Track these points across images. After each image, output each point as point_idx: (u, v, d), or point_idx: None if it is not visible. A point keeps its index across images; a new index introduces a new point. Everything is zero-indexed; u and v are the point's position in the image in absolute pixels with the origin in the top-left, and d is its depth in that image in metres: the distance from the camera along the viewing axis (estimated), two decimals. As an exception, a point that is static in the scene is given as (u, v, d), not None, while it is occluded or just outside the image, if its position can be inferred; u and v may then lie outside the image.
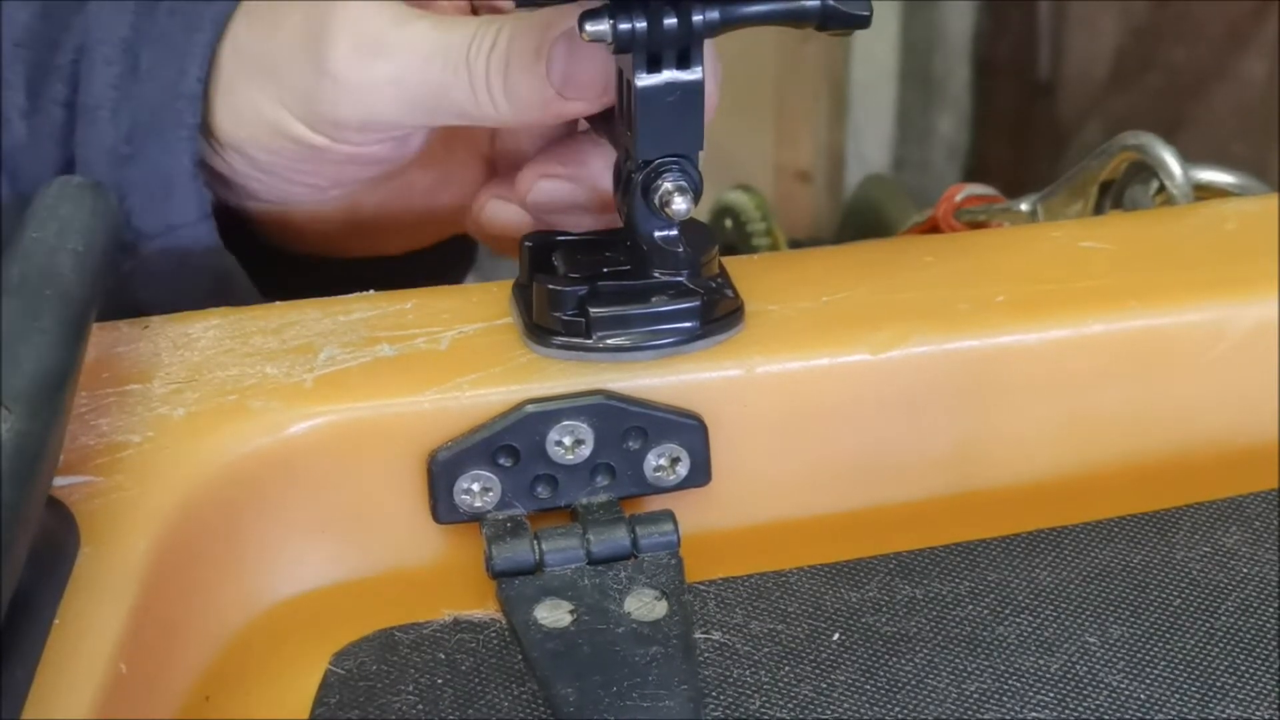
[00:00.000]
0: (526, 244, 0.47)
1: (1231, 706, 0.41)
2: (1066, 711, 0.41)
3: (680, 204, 0.45)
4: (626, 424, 0.45)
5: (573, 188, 0.53)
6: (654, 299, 0.46)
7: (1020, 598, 0.44)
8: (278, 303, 0.48)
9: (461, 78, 0.50)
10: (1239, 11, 1.37)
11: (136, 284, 0.54)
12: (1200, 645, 0.43)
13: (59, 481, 0.41)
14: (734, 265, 0.48)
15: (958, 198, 0.62)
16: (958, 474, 0.48)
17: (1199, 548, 0.46)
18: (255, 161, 0.54)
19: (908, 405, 0.47)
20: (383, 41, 0.51)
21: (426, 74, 0.50)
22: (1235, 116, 1.37)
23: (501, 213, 0.55)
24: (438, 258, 0.62)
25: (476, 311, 0.47)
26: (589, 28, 0.43)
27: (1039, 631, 0.43)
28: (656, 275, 0.46)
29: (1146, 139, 0.56)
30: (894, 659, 0.42)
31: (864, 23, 0.46)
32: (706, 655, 0.42)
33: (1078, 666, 0.42)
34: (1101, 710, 0.41)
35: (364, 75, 0.50)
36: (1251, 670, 0.42)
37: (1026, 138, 1.53)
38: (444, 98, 0.50)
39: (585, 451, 0.45)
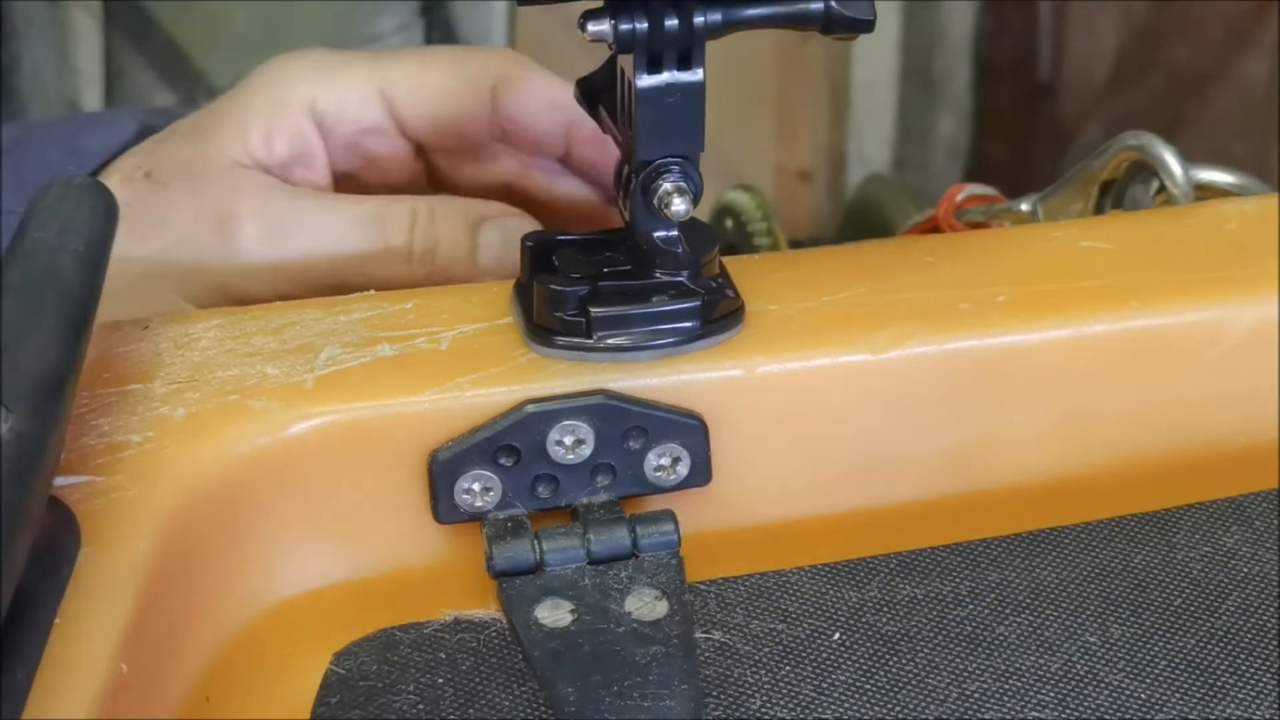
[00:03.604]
0: (527, 244, 0.47)
1: (1232, 706, 0.41)
2: (1067, 711, 0.41)
3: (680, 205, 0.45)
4: (627, 424, 0.45)
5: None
6: (655, 299, 0.46)
7: (1021, 597, 0.44)
8: (278, 303, 0.48)
9: (377, 254, 0.52)
10: (1239, 11, 1.37)
11: None
12: (1201, 645, 0.43)
13: (60, 481, 0.41)
14: (734, 265, 0.48)
15: (958, 198, 0.62)
16: (958, 474, 0.48)
17: (1199, 548, 0.46)
18: None
19: (908, 405, 0.47)
20: (291, 221, 0.52)
21: (340, 249, 0.53)
22: (1235, 116, 1.37)
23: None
24: None
25: (477, 311, 0.47)
26: (590, 27, 0.43)
27: (1040, 631, 0.43)
28: (657, 275, 0.46)
29: (1147, 139, 0.56)
30: (895, 658, 0.42)
31: (868, 27, 0.46)
32: (707, 655, 0.42)
33: (1078, 666, 0.42)
34: (1102, 710, 0.41)
35: (275, 254, 0.52)
36: (1252, 670, 0.42)
37: (1027, 138, 1.53)
38: (356, 271, 0.53)
39: (586, 451, 0.45)
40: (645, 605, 0.43)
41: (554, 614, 0.43)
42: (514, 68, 0.57)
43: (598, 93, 0.47)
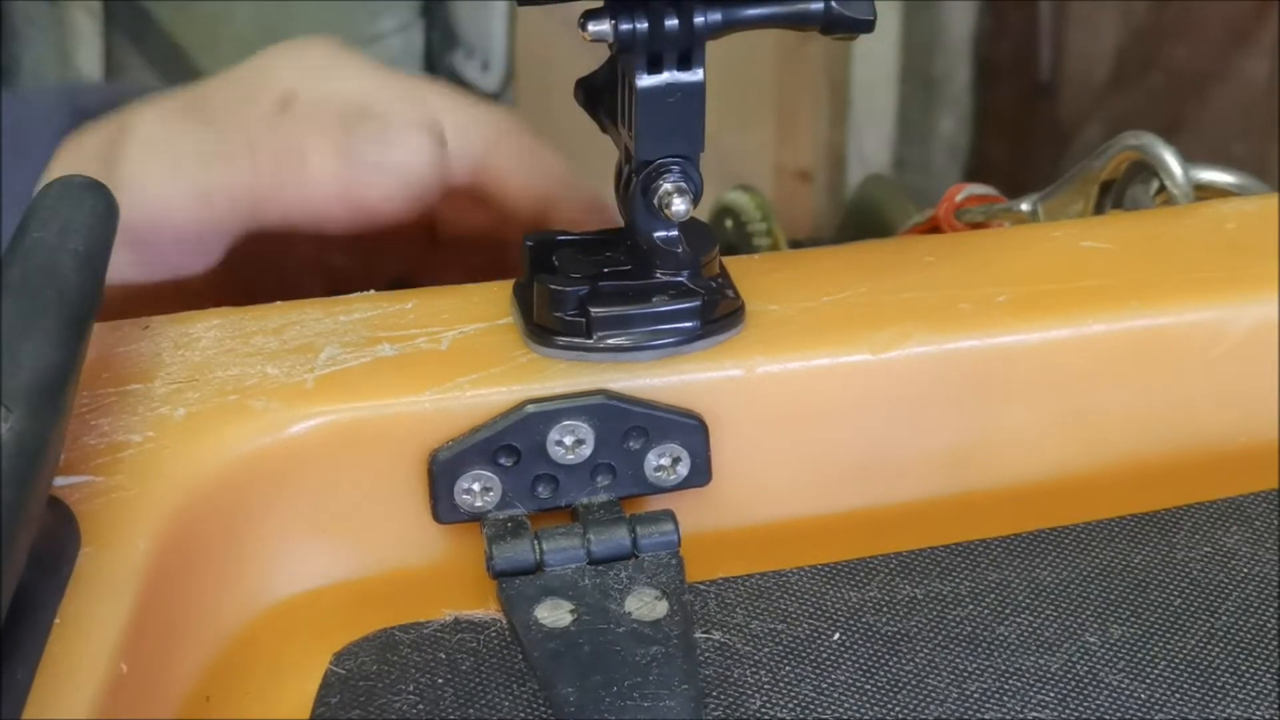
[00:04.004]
0: (528, 243, 0.47)
1: (1232, 706, 0.41)
2: (1067, 711, 0.41)
3: (680, 205, 0.45)
4: (627, 424, 0.45)
5: None
6: (655, 299, 0.46)
7: (1021, 597, 0.44)
8: (279, 303, 0.48)
9: (248, 165, 0.53)
10: (1239, 11, 1.37)
11: None
12: (1201, 645, 0.43)
13: (60, 481, 0.41)
14: (734, 265, 0.48)
15: (958, 198, 0.62)
16: (958, 474, 0.48)
17: (1199, 548, 0.46)
18: None
19: (908, 405, 0.47)
20: (170, 141, 0.53)
21: (212, 168, 0.53)
22: (1235, 116, 1.37)
23: None
24: None
25: (477, 311, 0.47)
26: (590, 27, 0.43)
27: (1039, 631, 0.43)
28: (657, 275, 0.46)
29: (1147, 139, 0.56)
30: (894, 658, 0.42)
31: (868, 27, 0.46)
32: (707, 655, 0.42)
33: (1078, 666, 0.42)
34: (1102, 710, 0.41)
35: (154, 172, 0.53)
36: (1252, 670, 0.42)
37: (1027, 138, 1.53)
38: (234, 189, 0.53)
39: (586, 451, 0.45)
40: (645, 605, 0.43)
41: (554, 614, 0.43)
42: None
43: (598, 93, 0.47)
